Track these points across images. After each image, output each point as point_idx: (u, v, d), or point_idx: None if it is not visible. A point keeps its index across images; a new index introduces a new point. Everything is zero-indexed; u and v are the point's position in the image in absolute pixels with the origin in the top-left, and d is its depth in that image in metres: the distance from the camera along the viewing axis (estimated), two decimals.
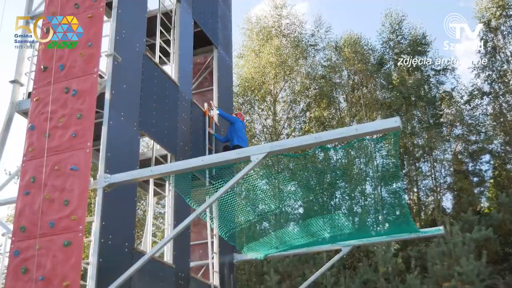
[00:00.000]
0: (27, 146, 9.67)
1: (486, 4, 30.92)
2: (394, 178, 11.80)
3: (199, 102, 13.71)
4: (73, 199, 8.84)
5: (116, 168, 9.33)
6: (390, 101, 30.83)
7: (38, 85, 10.12)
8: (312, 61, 33.20)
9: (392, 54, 32.81)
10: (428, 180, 30.78)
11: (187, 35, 13.29)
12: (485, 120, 30.36)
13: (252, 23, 34.29)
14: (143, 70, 11.01)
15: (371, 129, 8.03)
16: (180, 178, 9.89)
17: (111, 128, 9.62)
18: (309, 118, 32.29)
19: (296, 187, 11.94)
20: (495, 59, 30.41)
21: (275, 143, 8.47)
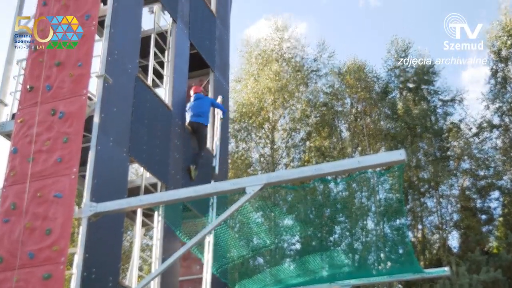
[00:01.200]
0: (8, 170, 9.60)
1: (496, 33, 31.18)
2: (397, 213, 11.77)
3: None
4: (55, 228, 8.74)
5: (103, 196, 9.26)
6: (395, 132, 30.88)
7: (23, 105, 10.09)
8: (313, 88, 33.32)
9: (397, 82, 32.97)
10: (433, 216, 30.70)
11: (182, 57, 13.33)
12: (494, 154, 30.41)
13: (251, 46, 34.46)
14: (135, 92, 11.01)
15: (374, 161, 8.00)
16: (171, 209, 9.83)
17: (99, 153, 9.58)
18: (309, 147, 32.27)
19: (293, 221, 11.89)
20: (505, 90, 30.57)
21: (272, 174, 8.45)
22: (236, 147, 31.97)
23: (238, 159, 31.41)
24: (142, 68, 12.96)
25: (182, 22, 13.54)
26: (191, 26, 13.98)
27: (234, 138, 31.85)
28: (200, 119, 12.85)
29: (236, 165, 30.87)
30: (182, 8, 13.59)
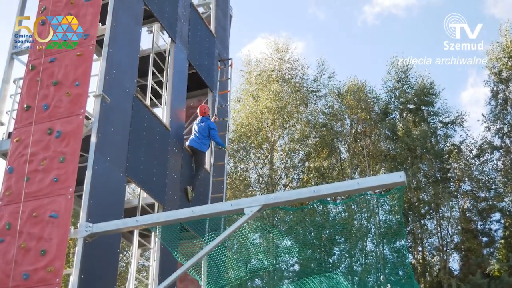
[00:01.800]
0: (4, 189, 9.58)
1: (497, 54, 31.30)
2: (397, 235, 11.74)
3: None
4: (50, 249, 8.71)
5: (99, 216, 9.23)
6: (395, 153, 30.89)
7: (20, 125, 10.09)
8: (313, 108, 33.38)
9: (397, 103, 33.03)
10: (434, 238, 30.62)
11: (180, 76, 13.35)
12: (495, 176, 30.40)
13: (251, 66, 34.58)
14: (132, 112, 11.01)
15: (374, 183, 7.98)
16: (168, 230, 9.78)
17: (96, 173, 9.55)
18: (308, 168, 32.25)
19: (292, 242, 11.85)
20: (506, 112, 30.63)
21: (271, 195, 8.42)
22: (235, 168, 31.95)
23: (237, 179, 31.38)
24: (140, 87, 12.99)
25: (181, 42, 13.59)
26: (190, 46, 14.03)
27: (233, 158, 31.84)
28: (200, 146, 12.85)
29: (235, 185, 30.83)
30: (181, 28, 13.65)
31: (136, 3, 11.84)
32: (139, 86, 12.86)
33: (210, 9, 16.16)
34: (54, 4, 10.96)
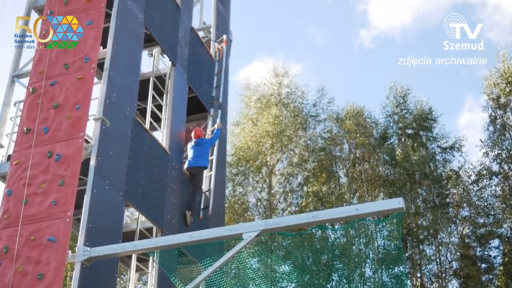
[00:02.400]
0: (2, 212, 9.57)
1: (495, 80, 31.45)
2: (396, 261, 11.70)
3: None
4: (48, 273, 8.68)
5: (97, 240, 9.21)
6: (394, 178, 30.84)
7: (19, 147, 10.11)
8: (312, 133, 33.42)
9: (396, 128, 33.08)
10: (432, 264, 30.49)
11: (180, 100, 13.41)
12: (494, 202, 30.34)
13: (250, 90, 34.70)
14: (132, 135, 11.04)
15: (372, 209, 8.00)
16: (166, 254, 9.75)
17: (95, 196, 9.55)
18: (306, 192, 32.19)
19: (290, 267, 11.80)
20: (504, 137, 30.66)
21: (269, 220, 8.43)
22: (233, 191, 31.89)
23: (235, 203, 31.31)
24: (140, 111, 13.03)
25: (181, 65, 13.66)
26: (190, 70, 14.10)
27: (231, 182, 31.79)
28: (199, 162, 12.88)
29: (233, 209, 30.75)
30: (181, 52, 13.73)
31: (137, 26, 11.92)
32: (139, 109, 12.91)
33: (211, 33, 16.27)
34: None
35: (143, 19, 12.18)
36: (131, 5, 11.77)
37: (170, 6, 13.54)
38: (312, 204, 30.89)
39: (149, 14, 12.47)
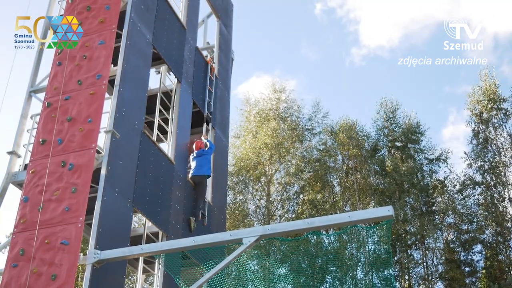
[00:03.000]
0: (19, 217, 9.57)
1: (478, 97, 31.55)
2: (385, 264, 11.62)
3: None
4: (61, 274, 8.67)
5: (107, 244, 9.20)
6: (384, 187, 30.83)
7: (35, 157, 10.12)
8: (307, 145, 33.42)
9: (386, 141, 33.12)
10: (419, 268, 30.40)
11: (185, 114, 13.43)
12: (477, 210, 30.30)
13: (250, 105, 34.76)
14: (140, 147, 11.05)
15: (364, 216, 8.02)
16: (171, 257, 9.74)
17: (105, 203, 9.56)
18: (302, 200, 32.16)
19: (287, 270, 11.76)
20: (486, 150, 30.69)
21: (267, 226, 8.44)
22: (234, 199, 31.86)
23: (236, 210, 31.26)
24: (147, 124, 13.06)
25: (186, 82, 13.69)
26: (194, 86, 14.14)
27: (232, 190, 31.77)
28: (202, 171, 12.90)
29: (234, 215, 30.70)
30: (186, 69, 13.77)
31: (145, 46, 11.97)
32: (147, 123, 12.95)
33: (214, 53, 16.31)
34: None
35: (151, 39, 12.23)
36: (140, 26, 11.82)
37: (176, 28, 13.60)
38: (308, 211, 30.84)
39: (157, 35, 12.52)
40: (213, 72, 15.21)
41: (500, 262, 28.69)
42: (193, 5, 14.78)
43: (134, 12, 11.64)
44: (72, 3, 11.61)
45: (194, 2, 14.84)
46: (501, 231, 28.76)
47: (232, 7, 18.03)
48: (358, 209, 29.44)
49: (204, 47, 16.52)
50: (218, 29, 16.70)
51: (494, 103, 31.01)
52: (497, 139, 30.58)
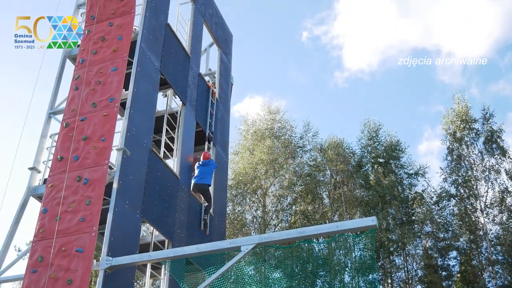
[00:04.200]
0: (38, 227, 9.51)
1: (452, 118, 31.67)
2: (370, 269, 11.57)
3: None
4: (76, 279, 8.60)
5: (118, 251, 9.15)
6: (368, 199, 30.78)
7: (54, 172, 10.09)
8: (299, 161, 33.41)
9: (369, 157, 33.14)
10: (401, 272, 30.27)
11: (189, 134, 13.42)
12: (452, 220, 30.26)
13: (248, 125, 34.79)
14: (148, 163, 11.03)
15: (350, 226, 7.99)
16: (176, 263, 9.67)
17: (116, 214, 9.51)
18: (295, 211, 32.06)
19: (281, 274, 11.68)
20: (460, 166, 30.70)
21: (263, 235, 8.40)
22: (233, 210, 31.74)
23: (234, 220, 31.14)
24: (155, 142, 13.03)
25: (190, 105, 13.71)
26: (198, 108, 14.15)
27: (231, 202, 31.67)
28: (204, 180, 12.90)
29: (233, 225, 30.59)
30: (190, 93, 13.79)
31: (154, 72, 11.99)
32: (154, 141, 12.92)
33: (215, 78, 16.35)
34: (87, 72, 11.09)
35: (159, 66, 12.26)
36: (149, 54, 11.85)
37: (181, 56, 13.63)
38: (300, 221, 30.74)
39: (164, 62, 12.55)
40: (215, 95, 15.22)
41: (473, 266, 28.61)
42: (197, 36, 14.84)
43: (143, 42, 11.68)
44: (89, 34, 11.64)
45: (197, 33, 14.90)
46: (474, 238, 28.70)
47: (232, 38, 18.11)
48: (345, 219, 29.38)
49: (206, 73, 16.56)
50: (219, 57, 16.76)
51: (466, 123, 31.12)
52: (469, 155, 30.63)
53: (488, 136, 30.64)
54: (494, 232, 28.88)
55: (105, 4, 11.86)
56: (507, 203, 29.10)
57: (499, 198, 29.16)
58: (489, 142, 30.50)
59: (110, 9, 11.75)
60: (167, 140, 12.95)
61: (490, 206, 29.17)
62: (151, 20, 12.19)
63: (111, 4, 11.82)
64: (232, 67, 17.57)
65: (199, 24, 15.15)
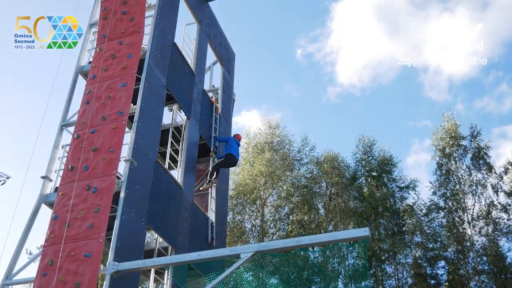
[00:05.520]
0: (49, 233, 9.51)
1: (441, 135, 31.73)
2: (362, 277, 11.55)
3: (199, 204, 13.65)
4: (84, 282, 8.59)
5: (123, 256, 9.14)
6: (361, 211, 30.73)
7: (65, 181, 10.11)
8: (296, 173, 33.39)
9: (363, 171, 33.12)
10: (391, 280, 30.12)
11: (193, 146, 13.45)
12: (441, 231, 30.17)
13: (249, 138, 34.82)
14: (154, 174, 11.04)
15: (344, 236, 7.98)
16: (178, 269, 9.66)
17: (123, 222, 9.51)
18: (291, 221, 31.99)
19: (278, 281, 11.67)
20: (449, 180, 30.69)
21: (262, 243, 8.39)
22: (233, 219, 31.67)
23: (234, 228, 31.07)
24: (160, 154, 13.05)
25: (194, 119, 13.75)
26: (201, 122, 14.19)
27: (232, 211, 31.61)
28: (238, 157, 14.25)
29: (233, 233, 30.51)
30: (194, 108, 13.84)
31: (160, 88, 12.05)
32: (160, 153, 12.94)
33: (218, 94, 16.41)
34: (98, 88, 11.15)
35: (165, 82, 12.32)
36: (156, 71, 11.92)
37: (186, 73, 13.70)
38: (296, 230, 30.65)
39: (170, 79, 12.61)
40: (217, 111, 15.27)
41: (460, 276, 28.48)
42: (201, 54, 14.92)
43: (151, 60, 11.75)
44: (100, 52, 11.72)
45: (202, 52, 14.99)
46: (461, 249, 28.62)
47: (234, 56, 18.20)
48: (339, 229, 29.32)
49: (209, 89, 16.63)
50: (222, 74, 16.84)
51: (455, 140, 31.16)
52: (457, 170, 30.63)
53: (475, 152, 30.68)
54: (481, 243, 28.81)
55: (116, 24, 11.95)
56: (492, 216, 29.07)
57: (485, 211, 29.13)
58: (476, 158, 30.54)
59: (121, 28, 11.84)
60: (172, 152, 12.97)
61: (476, 218, 29.13)
62: (159, 40, 12.27)
63: (122, 24, 11.91)
64: (234, 83, 17.63)
65: (204, 44, 15.24)
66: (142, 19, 11.84)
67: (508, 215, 29.14)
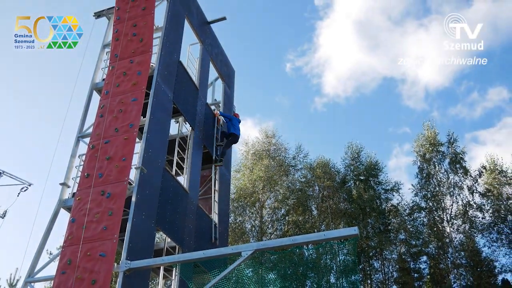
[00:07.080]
0: (67, 234, 9.46)
1: (422, 142, 31.77)
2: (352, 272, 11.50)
3: (204, 206, 13.61)
4: (99, 279, 8.53)
5: (135, 255, 9.08)
6: (351, 211, 30.67)
7: (81, 187, 10.07)
8: (292, 178, 33.36)
9: (352, 175, 33.09)
10: (379, 274, 30.03)
11: (197, 155, 13.43)
12: (422, 229, 30.11)
13: (248, 146, 34.83)
14: (162, 180, 11.00)
15: (335, 235, 7.95)
16: (185, 266, 9.60)
17: (134, 224, 9.47)
18: (288, 221, 31.92)
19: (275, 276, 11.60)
20: (429, 183, 30.68)
21: (261, 242, 8.36)
22: (235, 220, 31.59)
23: (236, 228, 30.98)
24: (168, 162, 13.02)
25: (198, 130, 13.73)
26: (204, 133, 14.17)
27: (233, 213, 31.53)
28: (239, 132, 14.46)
29: (234, 233, 30.41)
30: (198, 120, 13.82)
31: (167, 102, 12.04)
32: (168, 161, 12.91)
33: (220, 107, 16.39)
34: (110, 102, 11.13)
35: (172, 97, 12.31)
36: (164, 87, 11.91)
37: (191, 88, 13.70)
38: (292, 230, 30.57)
39: (177, 94, 12.61)
40: (219, 122, 15.24)
41: (440, 269, 28.40)
42: (204, 71, 14.93)
43: (159, 76, 11.74)
44: (113, 70, 11.72)
45: (205, 69, 15.00)
46: (441, 245, 28.55)
47: (234, 73, 18.21)
48: (331, 229, 29.25)
49: (212, 103, 16.62)
50: (223, 89, 16.84)
51: (434, 146, 31.19)
52: (437, 174, 30.63)
53: (452, 157, 30.75)
54: (458, 240, 28.79)
55: (127, 44, 11.96)
56: (469, 215, 29.06)
57: (462, 210, 29.13)
58: (453, 163, 30.60)
59: (131, 48, 11.85)
60: (178, 160, 12.94)
61: (454, 217, 29.11)
62: (166, 58, 12.28)
63: (132, 44, 11.92)
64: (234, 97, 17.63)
65: (207, 62, 15.25)
66: (150, 40, 11.85)
67: (482, 214, 29.15)
